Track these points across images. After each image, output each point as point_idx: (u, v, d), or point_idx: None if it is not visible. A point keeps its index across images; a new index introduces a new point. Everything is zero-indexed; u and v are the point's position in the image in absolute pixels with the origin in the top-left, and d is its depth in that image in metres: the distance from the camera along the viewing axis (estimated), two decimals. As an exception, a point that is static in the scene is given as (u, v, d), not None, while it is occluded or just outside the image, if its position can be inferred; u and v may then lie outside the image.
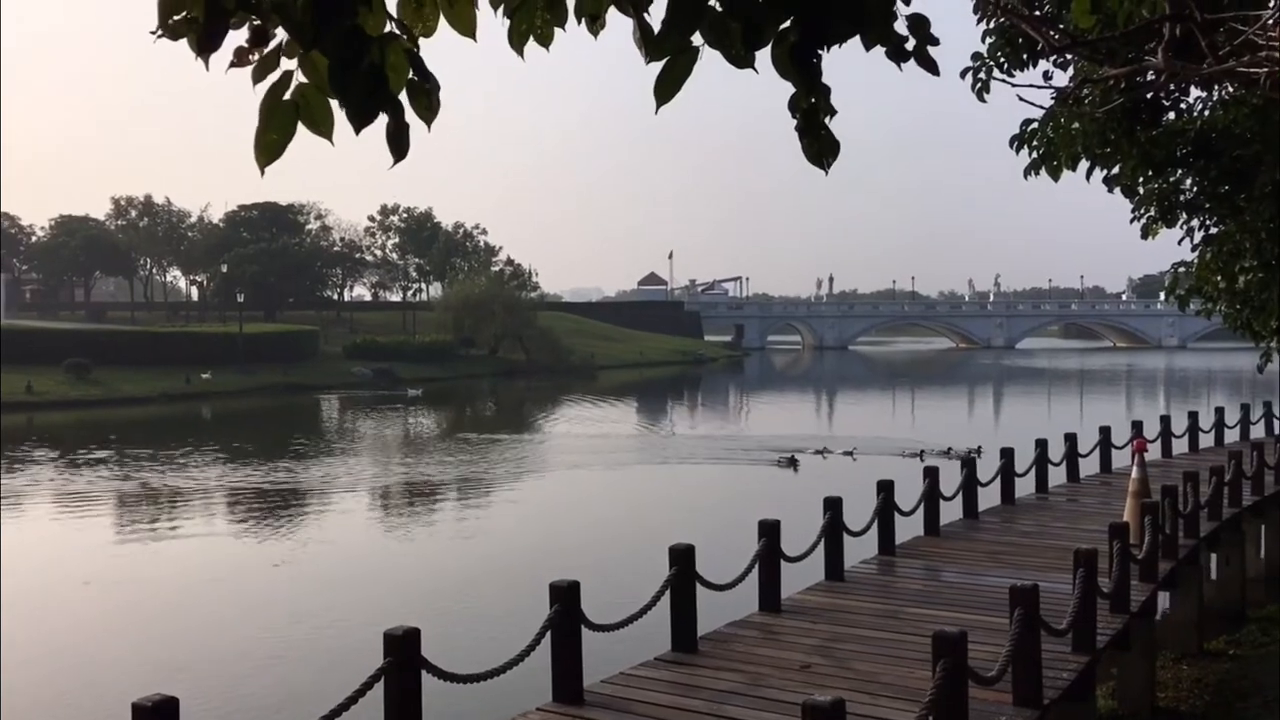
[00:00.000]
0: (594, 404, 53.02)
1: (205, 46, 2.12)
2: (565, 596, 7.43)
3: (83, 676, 11.74)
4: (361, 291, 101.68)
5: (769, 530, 9.68)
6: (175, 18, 2.07)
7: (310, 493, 25.23)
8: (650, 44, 2.34)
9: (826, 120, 2.36)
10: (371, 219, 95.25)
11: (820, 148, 2.38)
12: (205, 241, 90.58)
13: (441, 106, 2.31)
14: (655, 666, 8.05)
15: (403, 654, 6.24)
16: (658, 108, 2.42)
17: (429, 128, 2.33)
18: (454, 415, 51.04)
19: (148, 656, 12.46)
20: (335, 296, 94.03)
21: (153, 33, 2.10)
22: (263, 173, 2.33)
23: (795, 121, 2.38)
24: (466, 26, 2.45)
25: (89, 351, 56.16)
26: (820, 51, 2.26)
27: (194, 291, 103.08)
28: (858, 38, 2.31)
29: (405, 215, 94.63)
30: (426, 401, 55.54)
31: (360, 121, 2.17)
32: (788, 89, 2.38)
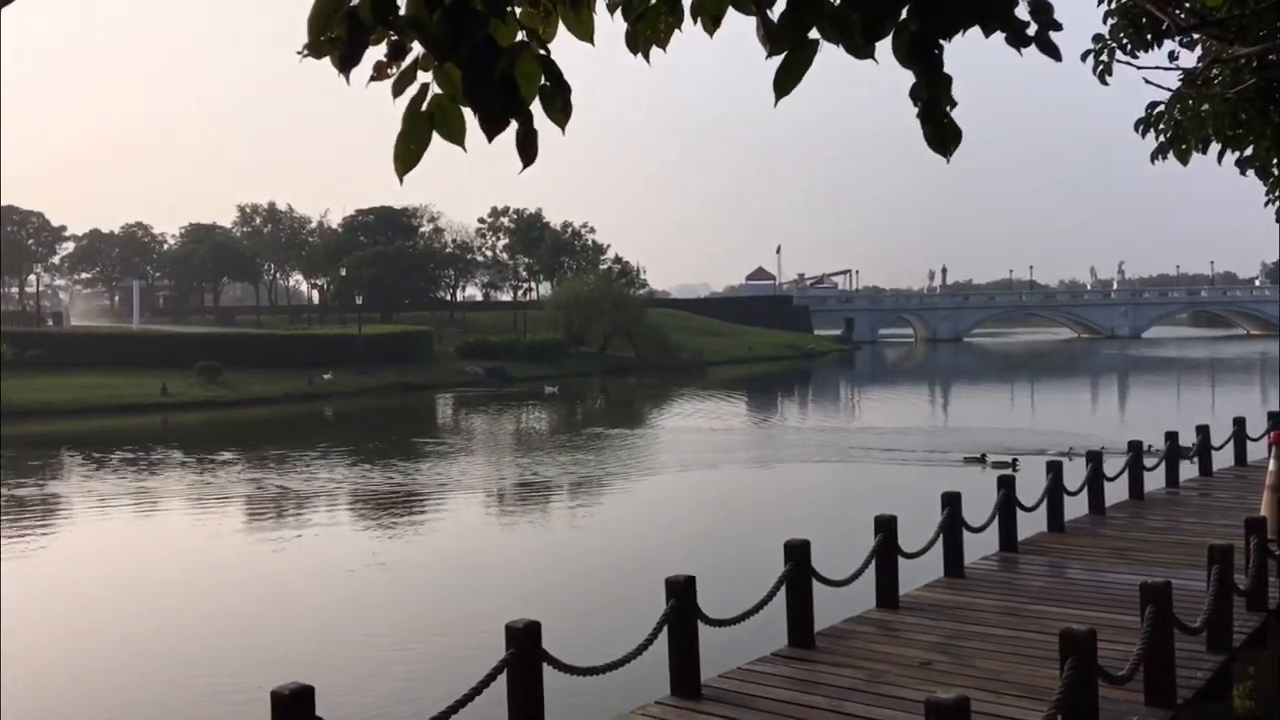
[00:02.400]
0: (704, 400, 53.03)
1: (347, 63, 2.22)
2: (681, 591, 7.49)
3: (221, 668, 12.26)
4: (473, 292, 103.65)
5: (885, 526, 9.58)
6: (321, 37, 2.17)
7: (431, 490, 25.82)
8: (772, 39, 2.37)
9: (948, 109, 2.35)
10: (482, 220, 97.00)
11: (943, 135, 2.37)
12: (325, 246, 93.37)
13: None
14: (772, 662, 8.05)
15: (524, 646, 6.37)
16: (776, 100, 2.45)
17: (563, 131, 2.39)
18: (566, 412, 51.64)
19: (282, 647, 12.94)
20: (448, 297, 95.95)
21: (298, 52, 2.22)
22: (401, 180, 2.43)
23: (916, 110, 2.37)
24: (586, 31, 2.52)
25: (218, 354, 58.46)
26: (941, 41, 2.25)
27: (314, 295, 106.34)
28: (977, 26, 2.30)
29: (515, 216, 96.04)
30: (539, 399, 56.32)
31: (493, 130, 2.24)
32: (897, 78, 2.39)
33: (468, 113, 2.39)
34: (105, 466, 31.24)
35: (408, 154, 2.40)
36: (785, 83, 2.39)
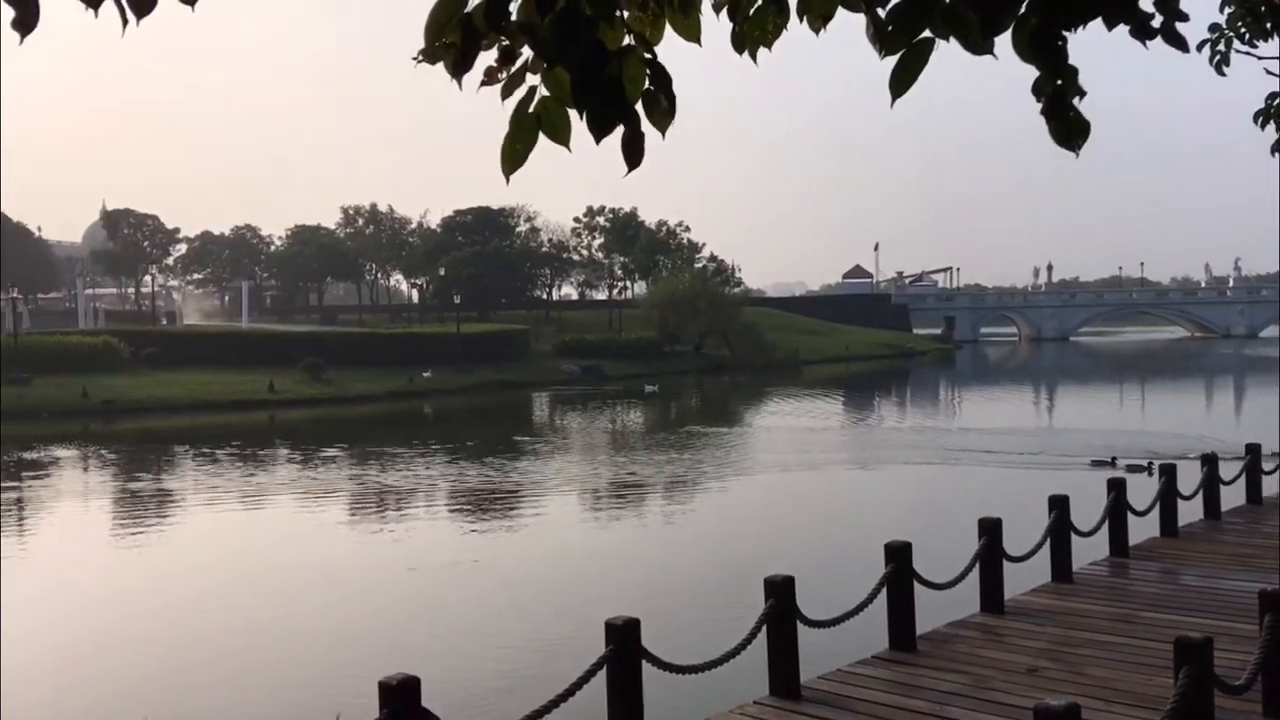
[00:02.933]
0: (800, 399, 52.63)
1: (460, 68, 2.27)
2: (780, 591, 7.46)
3: (328, 657, 12.59)
4: (569, 291, 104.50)
5: (990, 528, 9.40)
6: (437, 44, 2.22)
7: (529, 487, 26.12)
8: (884, 38, 2.35)
9: (1075, 102, 2.30)
10: (577, 220, 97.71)
11: (1069, 130, 2.32)
12: (424, 246, 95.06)
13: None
14: (873, 665, 7.97)
15: (624, 643, 6.41)
16: (893, 101, 2.43)
17: (663, 135, 2.41)
18: (664, 411, 51.78)
19: (386, 639, 13.23)
20: (544, 296, 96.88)
21: (414, 58, 2.27)
22: (508, 180, 2.48)
23: (1040, 105, 2.33)
24: (693, 33, 2.53)
25: (322, 352, 59.98)
26: (1065, 34, 2.21)
27: (414, 294, 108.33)
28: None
29: (610, 215, 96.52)
30: (638, 397, 56.55)
31: (601, 132, 2.27)
32: (1002, 71, 2.34)
33: (572, 113, 2.43)
34: (217, 461, 32.31)
35: (515, 154, 2.45)
36: (902, 82, 2.37)
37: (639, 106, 2.32)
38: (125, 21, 2.10)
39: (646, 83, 2.32)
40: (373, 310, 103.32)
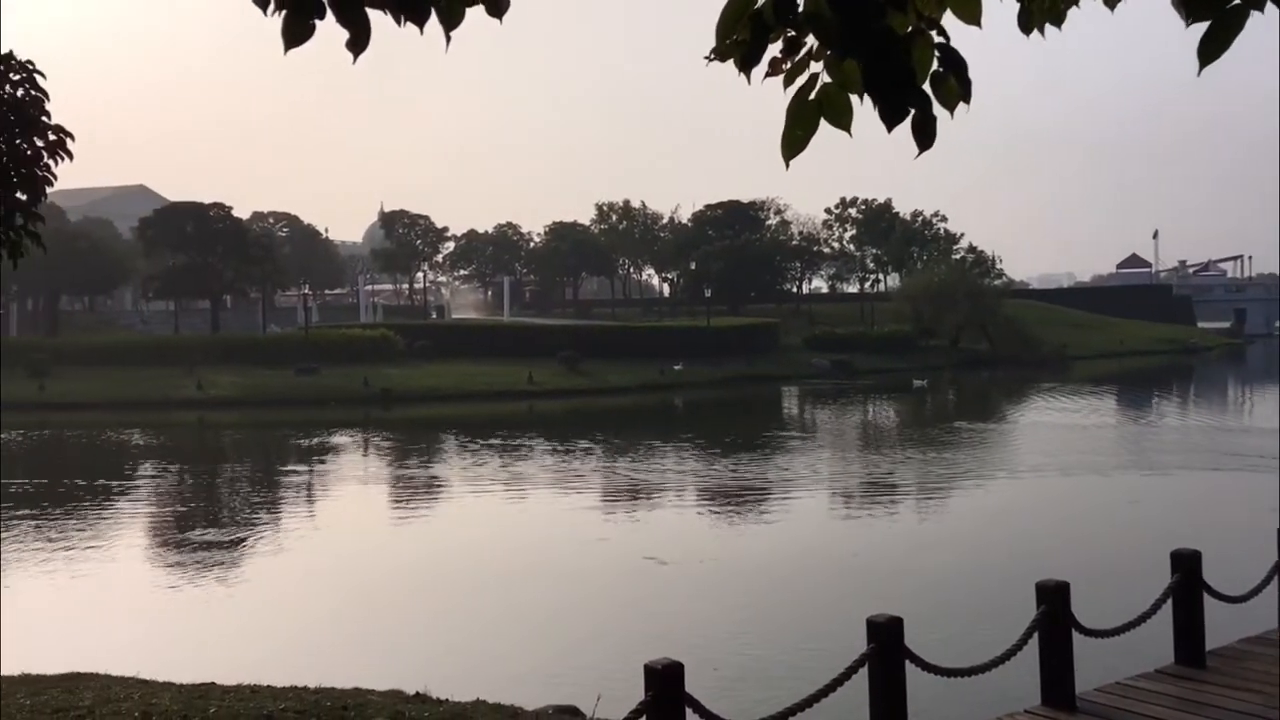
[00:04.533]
0: (1068, 397, 49.89)
1: (749, 62, 2.31)
2: (1053, 597, 7.13)
3: (593, 641, 13.06)
4: (819, 284, 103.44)
5: (1290, 539, 8.62)
6: (728, 41, 2.27)
7: (786, 483, 26.09)
8: (1190, 5, 2.25)
9: None
10: (829, 211, 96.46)
11: None
12: (675, 241, 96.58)
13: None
14: (1156, 679, 7.48)
15: (886, 641, 6.31)
16: (1200, 69, 2.31)
17: (951, 115, 2.36)
18: (914, 407, 50.47)
19: (648, 627, 13.59)
20: (794, 289, 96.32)
21: (706, 57, 2.33)
22: (788, 165, 2.50)
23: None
24: (974, 15, 2.47)
25: (577, 345, 62.11)
26: None
27: (665, 288, 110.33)
28: None
29: (863, 206, 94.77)
30: (897, 392, 55.35)
31: (894, 118, 2.25)
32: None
33: (853, 99, 2.42)
34: (482, 449, 34.07)
35: (794, 140, 2.47)
36: (1210, 51, 2.25)
37: (927, 88, 2.29)
38: (449, 39, 2.26)
39: (935, 64, 2.28)
40: (625, 304, 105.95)
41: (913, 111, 2.28)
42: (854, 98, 2.39)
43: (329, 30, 2.33)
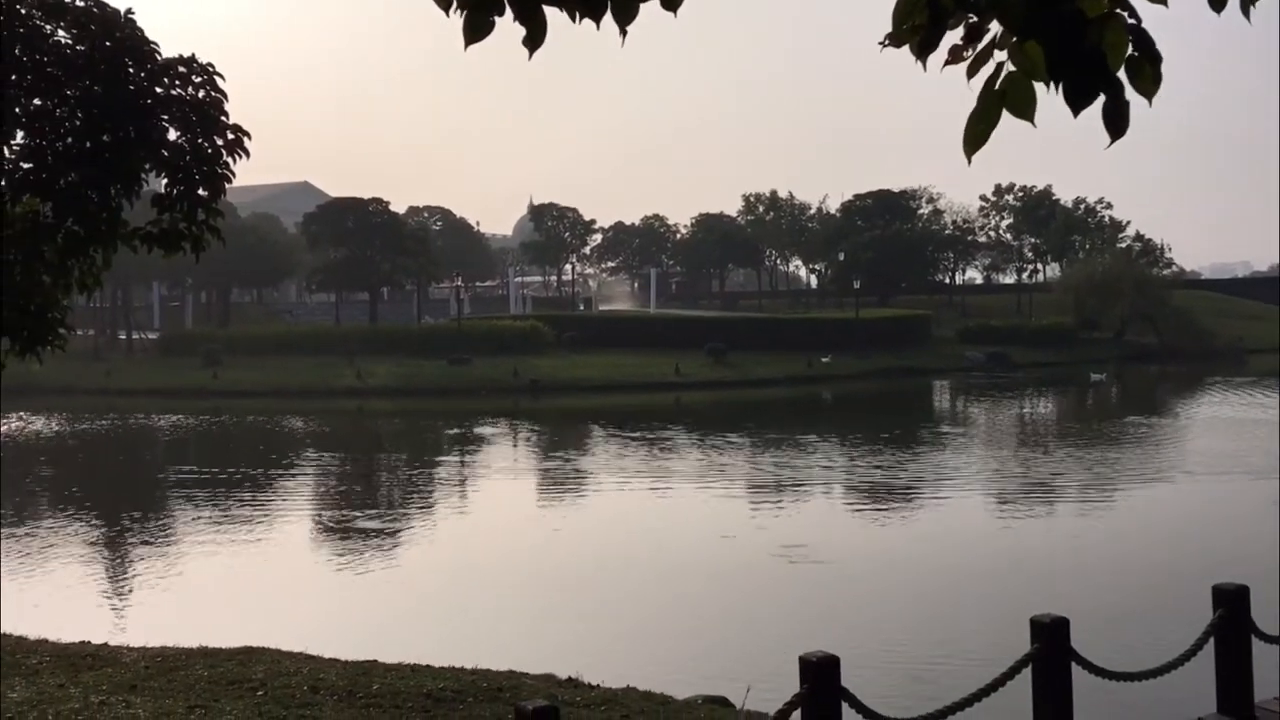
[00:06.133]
0: (1241, 393, 47.19)
1: (926, 48, 2.26)
2: (1232, 600, 6.77)
3: (744, 634, 13.07)
4: (973, 274, 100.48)
5: None
6: (905, 26, 2.23)
7: (941, 479, 25.50)
8: None
9: None
10: (984, 199, 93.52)
11: None
12: (823, 231, 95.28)
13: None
14: (1344, 692, 7.03)
15: (1052, 642, 6.11)
16: None
17: (1149, 102, 2.26)
18: (1069, 402, 48.62)
19: (799, 620, 13.52)
20: (946, 280, 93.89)
21: (880, 43, 2.29)
22: (970, 160, 2.43)
23: None
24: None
25: (724, 336, 61.98)
26: None
27: (812, 279, 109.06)
28: None
29: (1021, 194, 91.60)
30: (1040, 386, 53.50)
31: (1080, 103, 2.17)
32: None
33: (1038, 87, 2.33)
34: (630, 441, 34.35)
35: (977, 134, 2.39)
36: None
37: (1121, 74, 2.20)
38: (624, 34, 2.28)
39: (1130, 49, 2.18)
40: (772, 295, 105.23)
41: (1103, 98, 2.18)
42: (1039, 86, 2.31)
43: (502, 26, 2.38)
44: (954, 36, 2.32)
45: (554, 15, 2.36)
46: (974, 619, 13.02)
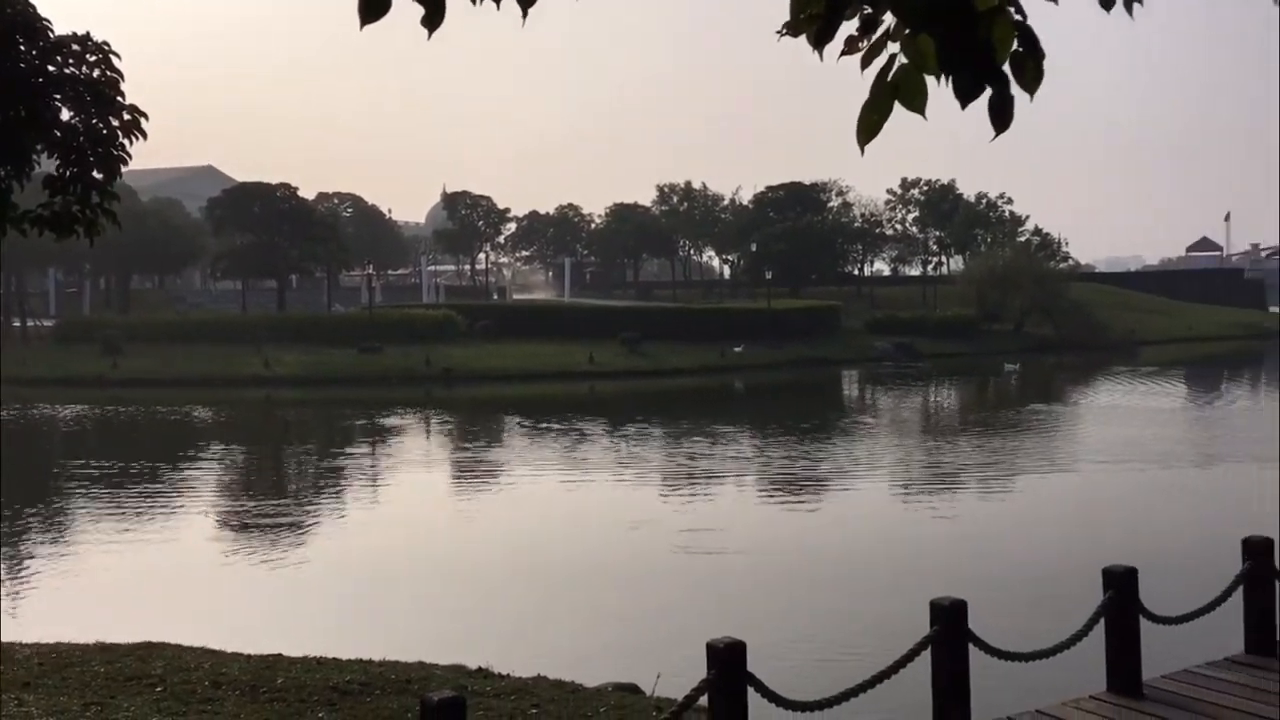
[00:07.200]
0: (1137, 383, 48.88)
1: (822, 38, 2.29)
2: (1121, 582, 7.03)
3: (652, 623, 13.14)
4: (881, 266, 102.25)
5: (1369, 529, 8.40)
6: (802, 15, 2.26)
7: (845, 465, 25.95)
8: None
9: None
10: (891, 193, 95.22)
11: None
12: (736, 223, 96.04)
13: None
14: (1227, 668, 7.34)
15: (950, 624, 6.27)
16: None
17: (1031, 98, 2.33)
18: (975, 391, 49.83)
19: (707, 608, 13.63)
20: (856, 272, 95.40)
21: (778, 31, 2.32)
22: (863, 151, 2.48)
23: None
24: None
25: (638, 326, 62.09)
26: None
27: (726, 270, 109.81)
28: None
29: (926, 188, 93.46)
30: (947, 376, 54.72)
31: (967, 97, 2.22)
32: None
33: (930, 81, 2.39)
34: (542, 432, 34.26)
35: (871, 124, 2.44)
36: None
37: (1007, 68, 2.26)
38: (525, 14, 2.27)
39: (1015, 44, 2.25)
40: (685, 286, 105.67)
41: (990, 92, 2.24)
42: (929, 79, 2.36)
43: (402, 8, 2.35)
44: (850, 27, 2.36)
45: (455, -1, 2.34)
46: (879, 604, 13.29)
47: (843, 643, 11.58)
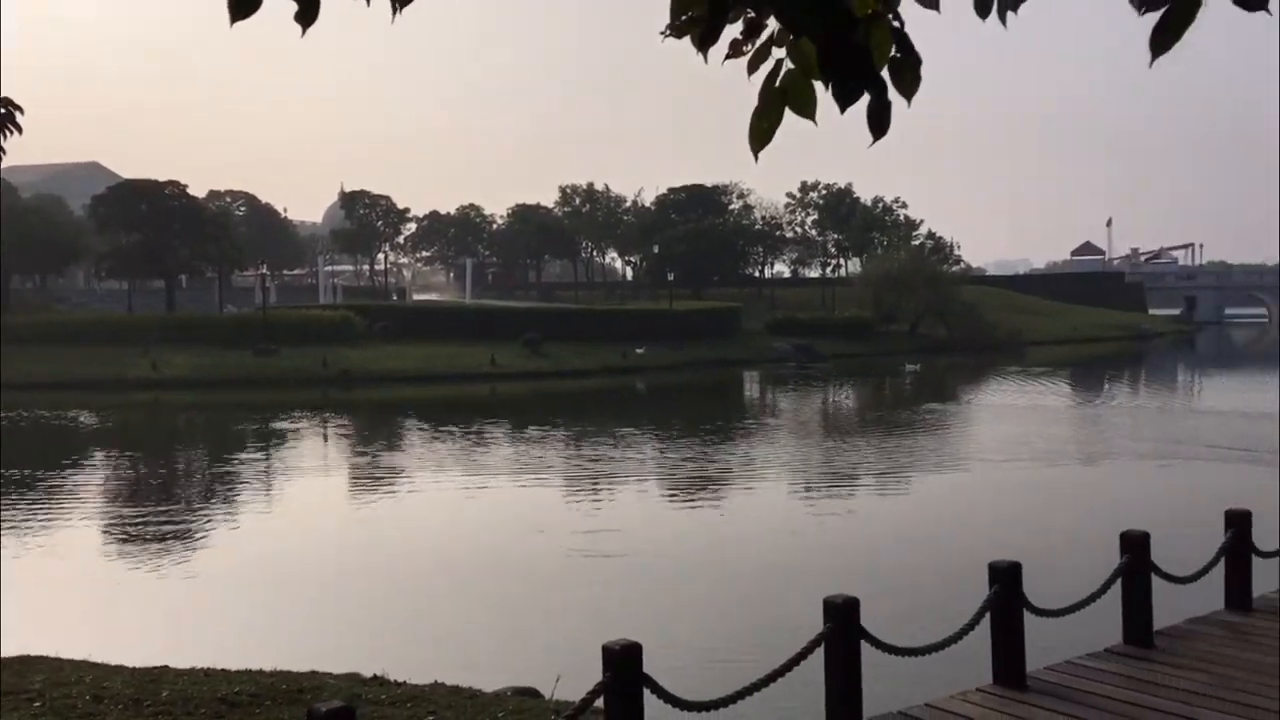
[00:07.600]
0: (1023, 382, 50.46)
1: (706, 41, 2.29)
2: (1005, 577, 7.22)
3: (551, 626, 13.07)
4: (781, 268, 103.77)
5: (1237, 521, 8.79)
6: (683, 17, 2.25)
7: (747, 468, 26.19)
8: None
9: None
10: (791, 196, 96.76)
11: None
12: (638, 224, 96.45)
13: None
14: (1105, 658, 7.60)
15: (843, 621, 6.37)
16: (1152, 60, 2.31)
17: (909, 103, 2.36)
18: (874, 391, 50.82)
19: (606, 610, 13.61)
20: (756, 274, 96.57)
21: (661, 33, 2.31)
22: (756, 158, 2.48)
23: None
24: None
25: (540, 328, 61.91)
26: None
27: (628, 271, 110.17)
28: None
29: (824, 191, 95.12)
30: (845, 376, 55.70)
31: (845, 101, 2.24)
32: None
33: (817, 86, 2.41)
34: (442, 434, 33.89)
35: (762, 131, 2.45)
36: (1163, 42, 2.25)
37: (885, 74, 2.29)
38: (396, 9, 2.22)
39: (893, 50, 2.28)
40: (588, 287, 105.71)
41: (868, 98, 2.27)
42: (818, 85, 2.37)
43: (278, 5, 2.29)
44: (735, 30, 2.37)
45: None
46: (775, 603, 13.44)
47: (739, 642, 11.68)
